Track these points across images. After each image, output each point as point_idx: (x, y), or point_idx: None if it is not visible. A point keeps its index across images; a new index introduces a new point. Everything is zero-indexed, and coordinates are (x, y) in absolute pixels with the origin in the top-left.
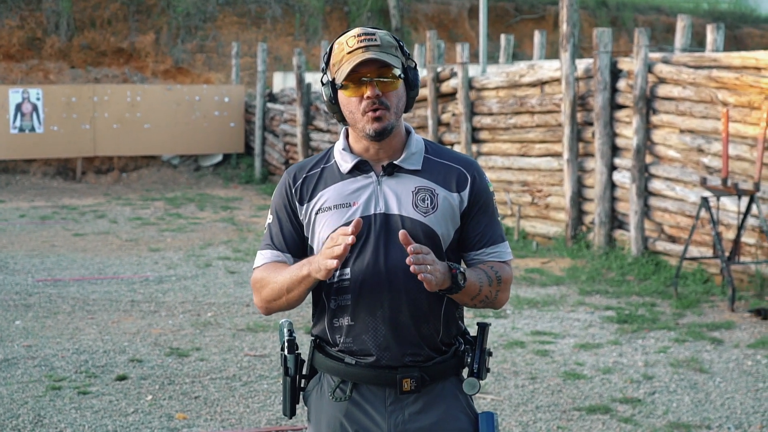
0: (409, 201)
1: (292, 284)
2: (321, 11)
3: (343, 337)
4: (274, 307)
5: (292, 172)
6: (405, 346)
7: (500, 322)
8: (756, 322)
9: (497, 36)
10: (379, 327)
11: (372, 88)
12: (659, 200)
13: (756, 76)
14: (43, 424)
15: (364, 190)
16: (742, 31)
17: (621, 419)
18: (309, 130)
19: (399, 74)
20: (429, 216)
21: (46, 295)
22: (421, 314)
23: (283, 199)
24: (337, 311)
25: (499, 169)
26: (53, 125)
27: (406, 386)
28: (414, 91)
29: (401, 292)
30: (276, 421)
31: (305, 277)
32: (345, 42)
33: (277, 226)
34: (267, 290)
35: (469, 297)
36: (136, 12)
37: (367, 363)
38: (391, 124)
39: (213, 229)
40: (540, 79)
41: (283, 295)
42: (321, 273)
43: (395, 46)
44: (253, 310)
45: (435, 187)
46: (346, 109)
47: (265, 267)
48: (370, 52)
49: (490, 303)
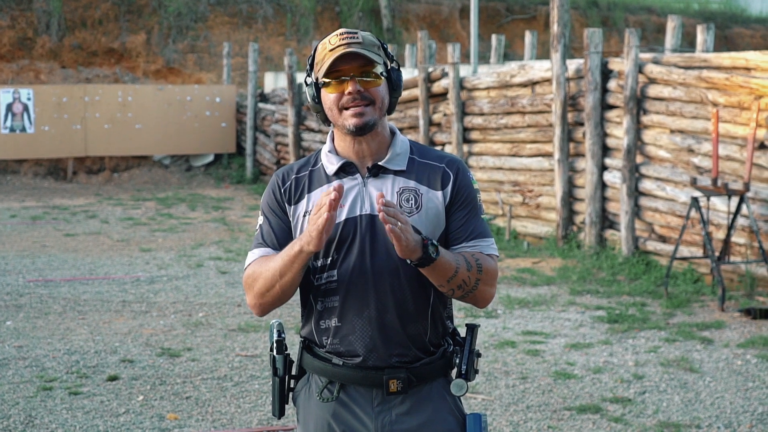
0: (393, 202)
1: (284, 266)
2: (312, 11)
3: (330, 339)
4: (268, 300)
5: (281, 173)
6: (392, 346)
7: (491, 321)
8: (746, 322)
9: (488, 36)
10: (365, 328)
11: (353, 84)
12: (650, 200)
13: (746, 77)
14: (34, 424)
15: (350, 192)
16: (733, 32)
17: (611, 419)
18: (300, 130)
19: (381, 72)
20: (413, 216)
21: (37, 296)
22: (407, 314)
23: (273, 199)
24: (324, 313)
25: (490, 169)
26: (44, 125)
27: (392, 387)
28: (397, 93)
29: (388, 292)
30: (267, 421)
31: (297, 253)
32: (328, 41)
33: (267, 225)
34: (259, 282)
35: (444, 277)
36: (127, 12)
37: (354, 364)
38: (373, 119)
39: (204, 229)
40: (531, 79)
41: (276, 282)
42: (313, 242)
43: (378, 45)
44: (244, 310)
45: (419, 187)
46: (327, 106)
47: (256, 262)
48: (351, 48)
49: (470, 292)
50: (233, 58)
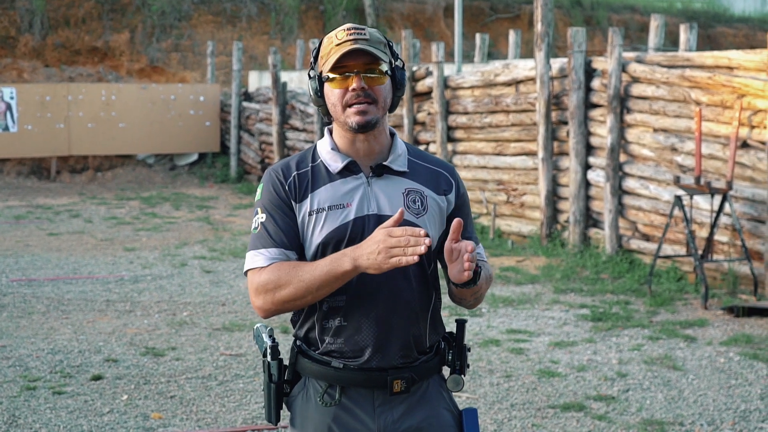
0: (400, 202)
1: (326, 281)
2: (296, 10)
3: (332, 338)
4: (288, 308)
5: (279, 170)
6: (397, 347)
7: (476, 320)
8: (728, 320)
9: (472, 35)
10: (372, 328)
11: (358, 80)
12: (633, 199)
13: (728, 76)
14: (18, 424)
15: (355, 191)
16: (716, 31)
17: (595, 416)
18: (285, 129)
19: (386, 70)
20: (421, 217)
21: (20, 295)
22: (412, 316)
23: (276, 196)
24: (329, 312)
25: (474, 168)
26: (27, 124)
27: (396, 387)
28: (400, 91)
29: (396, 293)
30: (252, 420)
31: (348, 272)
32: (335, 35)
33: (273, 224)
34: (288, 290)
35: (476, 294)
36: (111, 11)
37: (356, 365)
38: (376, 118)
39: (188, 228)
40: (515, 78)
41: (310, 294)
42: (377, 269)
43: (384, 43)
44: (228, 309)
45: (423, 189)
46: (330, 101)
47: (276, 266)
48: (358, 44)
49: (479, 299)
50: (217, 57)
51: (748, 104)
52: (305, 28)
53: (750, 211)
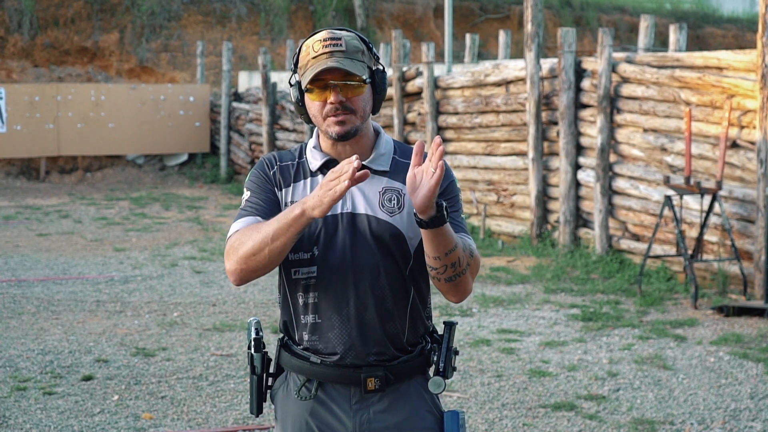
0: (376, 201)
1: (279, 230)
2: (286, 10)
3: (308, 335)
4: (251, 266)
5: (267, 159)
6: (370, 345)
7: (466, 320)
8: (718, 319)
9: (462, 35)
10: (344, 325)
11: (335, 94)
12: (623, 199)
13: (718, 76)
14: (8, 425)
15: None
16: (705, 31)
17: (586, 416)
18: (275, 130)
19: (365, 78)
20: (395, 216)
21: (10, 296)
22: (386, 313)
23: (263, 177)
24: (303, 308)
25: (464, 168)
26: (16, 124)
27: (370, 385)
28: (381, 95)
29: (368, 290)
30: (243, 420)
31: (298, 217)
32: (311, 46)
33: (256, 198)
34: (247, 245)
35: (445, 248)
36: (100, 11)
37: (331, 362)
38: (355, 127)
39: (178, 228)
40: (505, 78)
41: (266, 246)
42: (321, 208)
43: (362, 50)
44: (219, 310)
45: (402, 188)
46: (311, 111)
47: (243, 228)
48: (334, 58)
49: (460, 274)
50: (207, 57)
51: (737, 104)
52: (295, 28)
53: (740, 211)
